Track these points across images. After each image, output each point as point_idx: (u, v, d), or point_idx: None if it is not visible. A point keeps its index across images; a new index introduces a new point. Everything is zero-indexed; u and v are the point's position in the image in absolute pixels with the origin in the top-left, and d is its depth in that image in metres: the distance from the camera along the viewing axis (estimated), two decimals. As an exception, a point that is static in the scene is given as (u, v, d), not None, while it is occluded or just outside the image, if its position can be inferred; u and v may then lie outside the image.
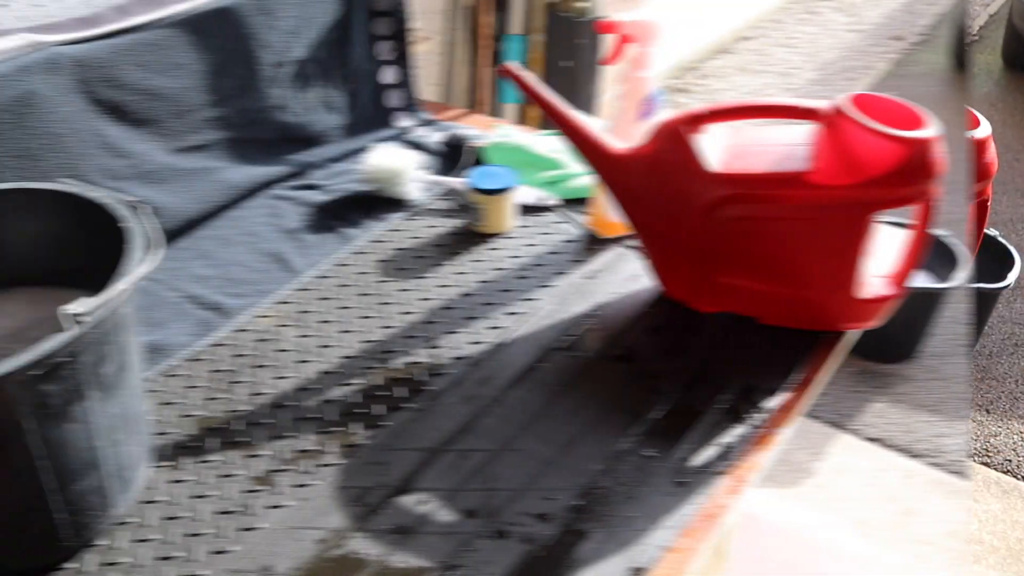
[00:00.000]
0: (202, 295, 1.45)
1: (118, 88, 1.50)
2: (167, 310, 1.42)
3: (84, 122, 1.46)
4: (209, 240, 1.60)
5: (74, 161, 1.44)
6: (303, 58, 1.81)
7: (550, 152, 1.77)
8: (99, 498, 1.02)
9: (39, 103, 1.37)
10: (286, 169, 1.78)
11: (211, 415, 1.24)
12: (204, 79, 1.64)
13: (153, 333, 1.37)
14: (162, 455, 1.18)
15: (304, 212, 1.68)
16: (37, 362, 0.86)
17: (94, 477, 1.00)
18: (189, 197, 1.61)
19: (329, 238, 1.61)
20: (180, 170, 1.62)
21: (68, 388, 0.92)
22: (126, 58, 1.50)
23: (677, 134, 1.31)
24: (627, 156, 1.36)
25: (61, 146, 1.41)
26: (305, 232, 1.62)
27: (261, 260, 1.55)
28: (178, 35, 1.58)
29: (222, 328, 1.39)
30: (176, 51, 1.58)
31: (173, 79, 1.58)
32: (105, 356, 0.96)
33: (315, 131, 1.87)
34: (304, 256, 1.56)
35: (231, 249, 1.57)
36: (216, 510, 1.11)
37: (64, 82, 1.42)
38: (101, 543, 1.06)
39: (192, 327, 1.39)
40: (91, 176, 1.47)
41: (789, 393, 1.29)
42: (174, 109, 1.60)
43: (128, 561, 1.04)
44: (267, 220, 1.66)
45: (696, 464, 1.17)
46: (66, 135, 1.42)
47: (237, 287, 1.48)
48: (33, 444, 0.92)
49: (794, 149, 1.29)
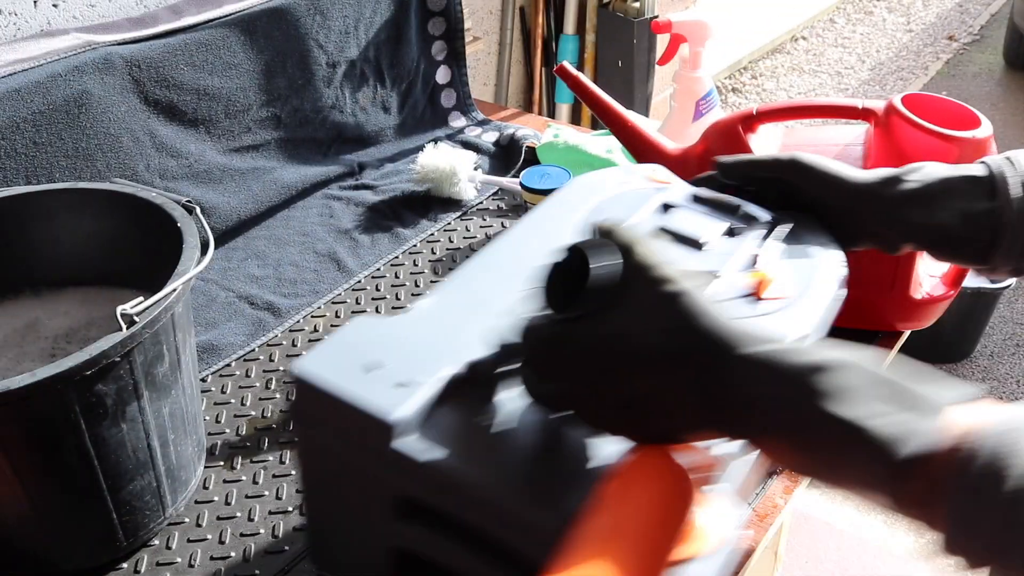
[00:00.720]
0: (256, 295, 1.45)
1: (171, 88, 1.50)
2: (221, 310, 1.42)
3: (137, 122, 1.46)
4: (262, 240, 1.60)
5: (127, 161, 1.44)
6: (356, 58, 1.81)
7: (604, 152, 1.75)
8: (153, 498, 1.02)
9: (93, 103, 1.38)
10: (339, 169, 1.78)
11: (265, 415, 1.24)
12: (257, 79, 1.64)
13: (207, 333, 1.36)
14: (216, 455, 1.17)
15: (358, 212, 1.67)
16: (91, 362, 0.86)
17: (148, 477, 1.00)
18: (242, 197, 1.61)
19: (383, 238, 1.60)
20: (233, 170, 1.62)
21: (122, 388, 0.91)
22: (179, 58, 1.50)
23: (731, 134, 1.29)
24: (681, 156, 1.34)
25: (115, 146, 1.42)
26: (359, 232, 1.62)
27: (315, 260, 1.54)
28: (231, 35, 1.57)
29: (276, 328, 1.39)
30: (229, 51, 1.58)
31: (226, 79, 1.58)
32: (159, 356, 0.95)
33: (368, 131, 1.87)
34: (358, 256, 1.55)
35: (284, 249, 1.57)
36: (270, 510, 1.10)
37: (118, 82, 1.42)
38: (155, 543, 1.05)
39: (246, 327, 1.39)
40: (144, 176, 1.47)
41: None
42: (227, 109, 1.60)
43: (181, 561, 1.03)
44: (321, 220, 1.65)
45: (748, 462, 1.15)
46: (120, 135, 1.42)
47: (291, 287, 1.48)
48: (88, 444, 0.91)
49: (847, 149, 1.27)
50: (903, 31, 5.98)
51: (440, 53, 1.98)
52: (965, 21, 6.12)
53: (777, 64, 5.47)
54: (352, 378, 0.78)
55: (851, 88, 5.19)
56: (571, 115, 3.00)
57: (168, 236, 1.04)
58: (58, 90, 1.33)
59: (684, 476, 0.69)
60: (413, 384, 0.78)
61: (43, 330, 1.12)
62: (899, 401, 0.62)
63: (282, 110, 1.70)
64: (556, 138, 1.79)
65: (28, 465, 0.91)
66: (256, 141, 1.67)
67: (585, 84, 1.37)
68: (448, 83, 2.01)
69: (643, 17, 2.80)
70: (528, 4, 2.80)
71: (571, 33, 2.88)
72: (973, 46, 5.76)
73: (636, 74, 2.87)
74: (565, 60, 1.35)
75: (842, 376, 0.64)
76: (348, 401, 0.76)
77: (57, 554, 1.00)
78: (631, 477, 0.68)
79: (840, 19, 6.18)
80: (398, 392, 0.77)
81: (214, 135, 1.60)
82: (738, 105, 4.94)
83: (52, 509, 0.96)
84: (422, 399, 0.77)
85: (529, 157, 1.82)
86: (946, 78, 5.30)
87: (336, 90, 1.79)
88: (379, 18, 1.83)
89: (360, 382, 0.78)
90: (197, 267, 0.98)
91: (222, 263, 1.52)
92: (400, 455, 0.75)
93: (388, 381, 0.78)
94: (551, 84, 2.94)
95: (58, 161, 1.35)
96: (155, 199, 1.09)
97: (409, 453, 0.75)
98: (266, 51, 1.63)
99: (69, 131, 1.35)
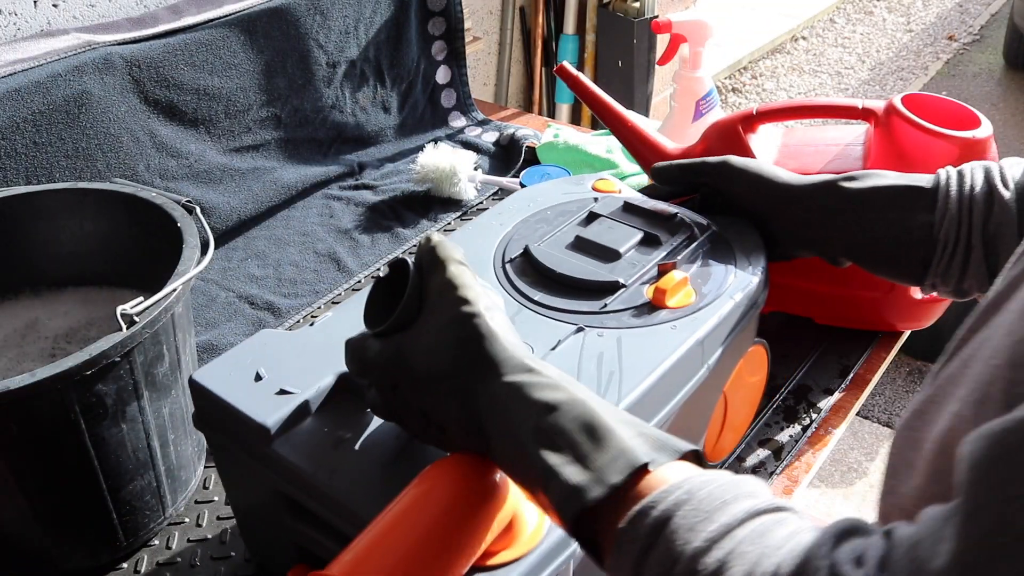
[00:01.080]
0: (256, 295, 1.45)
1: (171, 88, 1.51)
2: (221, 310, 1.42)
3: (137, 122, 1.46)
4: (262, 240, 1.60)
5: (128, 161, 1.44)
6: (356, 58, 1.81)
7: (604, 152, 1.75)
8: (153, 498, 1.02)
9: (93, 103, 1.38)
10: (339, 169, 1.78)
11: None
12: (257, 79, 1.64)
13: (207, 333, 1.36)
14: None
15: (357, 212, 1.67)
16: (91, 362, 0.86)
17: (148, 477, 1.00)
18: (242, 197, 1.61)
19: (383, 238, 1.60)
20: (233, 170, 1.62)
21: (122, 388, 0.91)
22: (179, 58, 1.50)
23: (731, 134, 1.29)
24: (681, 156, 1.34)
25: (115, 146, 1.42)
26: (359, 232, 1.62)
27: (315, 260, 1.54)
28: (231, 35, 1.58)
29: (276, 328, 1.39)
30: (229, 51, 1.58)
31: (226, 79, 1.58)
32: (159, 356, 0.95)
33: (368, 131, 1.87)
34: (358, 256, 1.55)
35: (284, 249, 1.57)
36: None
37: (118, 82, 1.42)
38: (155, 543, 1.05)
39: (246, 327, 1.39)
40: (144, 176, 1.47)
41: (843, 393, 1.28)
42: (227, 109, 1.60)
43: (182, 561, 1.03)
44: (321, 220, 1.65)
45: (750, 463, 1.16)
46: (120, 135, 1.42)
47: (291, 287, 1.48)
48: (88, 444, 0.91)
49: (847, 149, 1.28)
50: (903, 31, 5.98)
51: (440, 53, 1.98)
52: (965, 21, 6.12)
53: (777, 64, 5.47)
54: (240, 386, 0.85)
55: (851, 88, 5.19)
56: (571, 115, 3.00)
57: (168, 236, 1.04)
58: (58, 90, 1.33)
59: (491, 480, 0.70)
60: (292, 393, 0.83)
61: (43, 330, 1.12)
62: (599, 448, 0.64)
63: (282, 110, 1.70)
64: (556, 138, 1.79)
65: (28, 465, 0.91)
66: (256, 141, 1.67)
67: (585, 84, 1.36)
68: (448, 83, 2.01)
69: (643, 17, 2.80)
70: (528, 4, 2.80)
71: (571, 33, 2.88)
72: (973, 46, 5.76)
73: (636, 74, 2.87)
74: (565, 60, 1.35)
75: (560, 419, 0.65)
76: (234, 407, 0.83)
77: (57, 554, 1.00)
78: (428, 481, 0.69)
79: (840, 19, 6.18)
80: (277, 399, 0.83)
81: (214, 135, 1.60)
82: (738, 105, 4.95)
83: (52, 509, 0.96)
84: (296, 406, 0.82)
85: (529, 157, 1.82)
86: (946, 78, 5.31)
87: (336, 90, 1.79)
88: (379, 18, 1.83)
89: (246, 390, 0.84)
90: (197, 267, 0.98)
91: (222, 263, 1.52)
92: (277, 457, 0.81)
93: (271, 389, 0.84)
94: (551, 84, 2.94)
95: (58, 161, 1.35)
96: (155, 199, 1.09)
97: (283, 456, 0.80)
98: (266, 51, 1.63)
99: (69, 131, 1.35)
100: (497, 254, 1.04)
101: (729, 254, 1.03)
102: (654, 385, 0.87)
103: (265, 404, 0.82)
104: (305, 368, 0.86)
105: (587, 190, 1.16)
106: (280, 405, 0.82)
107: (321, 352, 0.88)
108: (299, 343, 0.90)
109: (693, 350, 0.91)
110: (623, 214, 1.08)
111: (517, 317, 0.94)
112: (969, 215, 0.95)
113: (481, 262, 1.03)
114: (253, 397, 0.83)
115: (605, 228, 1.05)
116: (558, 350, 0.89)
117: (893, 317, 1.34)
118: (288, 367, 0.86)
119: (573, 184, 1.18)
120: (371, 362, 0.75)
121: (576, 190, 1.16)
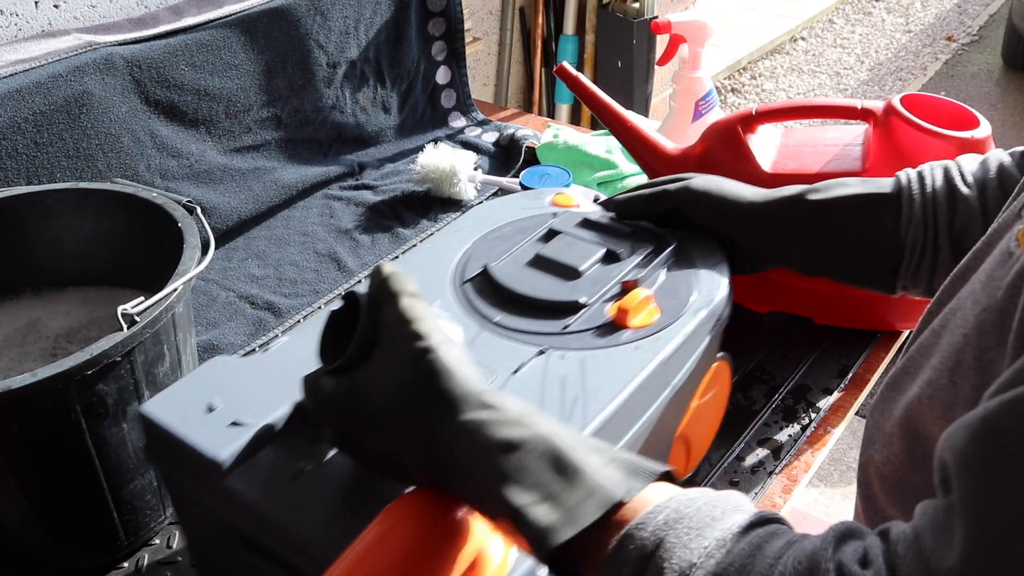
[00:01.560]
0: (256, 295, 1.45)
1: (172, 88, 1.51)
2: (221, 310, 1.42)
3: (138, 122, 1.46)
4: (263, 240, 1.60)
5: (128, 161, 1.44)
6: (357, 58, 1.81)
7: (603, 152, 1.75)
8: (154, 497, 1.02)
9: (94, 103, 1.38)
10: (340, 169, 1.78)
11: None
12: (258, 79, 1.64)
13: (207, 333, 1.37)
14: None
15: (358, 212, 1.68)
16: (92, 362, 0.86)
17: (149, 476, 1.00)
18: (243, 197, 1.61)
19: (383, 238, 1.60)
20: (234, 170, 1.62)
21: (123, 388, 0.92)
22: (180, 58, 1.51)
23: (730, 134, 1.30)
24: (680, 156, 1.35)
25: (115, 146, 1.42)
26: (359, 232, 1.62)
27: (315, 260, 1.54)
28: (232, 35, 1.58)
29: (276, 328, 1.39)
30: (230, 51, 1.58)
31: (227, 79, 1.58)
32: (159, 356, 0.96)
33: (369, 131, 1.87)
34: (358, 256, 1.56)
35: (285, 249, 1.57)
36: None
37: (118, 82, 1.42)
38: (156, 542, 1.06)
39: (246, 327, 1.39)
40: (145, 176, 1.47)
41: (842, 392, 1.28)
42: (228, 109, 1.60)
43: (183, 560, 1.03)
44: (321, 220, 1.65)
45: (749, 463, 1.16)
46: (120, 135, 1.42)
47: (291, 287, 1.48)
48: (88, 444, 0.91)
49: (846, 149, 1.28)
50: (902, 32, 5.98)
51: (440, 53, 1.99)
52: (964, 22, 6.12)
53: (776, 65, 5.47)
54: (192, 418, 0.81)
55: (850, 88, 5.19)
56: (571, 115, 3.00)
57: (169, 236, 1.04)
58: (59, 90, 1.33)
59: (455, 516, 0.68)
60: (246, 425, 0.79)
61: (44, 330, 1.13)
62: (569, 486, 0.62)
63: (282, 110, 1.70)
64: (556, 138, 1.79)
65: (29, 464, 0.91)
66: (256, 141, 1.67)
67: (585, 84, 1.37)
68: (448, 83, 2.01)
69: (643, 18, 2.80)
70: (528, 4, 2.81)
71: (571, 33, 2.88)
72: (971, 47, 5.76)
73: (635, 74, 2.88)
74: (565, 60, 1.35)
75: (524, 457, 0.63)
76: (185, 440, 0.79)
77: (58, 553, 1.00)
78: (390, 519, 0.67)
79: (839, 20, 6.18)
80: (231, 431, 0.79)
81: (215, 135, 1.60)
82: (737, 105, 4.95)
83: (53, 508, 0.96)
84: (250, 438, 0.79)
85: (529, 157, 1.82)
86: (945, 78, 5.31)
87: (336, 90, 1.79)
88: (379, 18, 1.83)
89: (198, 422, 0.80)
90: (198, 267, 0.98)
91: (222, 263, 1.53)
92: (231, 493, 0.77)
93: (224, 421, 0.80)
94: (551, 84, 2.94)
95: (59, 161, 1.35)
96: (156, 199, 1.09)
97: (237, 491, 0.77)
98: (266, 51, 1.64)
99: (70, 131, 1.36)
100: (455, 273, 1.02)
101: (692, 269, 1.01)
102: (619, 408, 0.85)
103: (218, 437, 0.78)
104: (260, 397, 0.82)
105: (545, 205, 1.14)
106: (234, 437, 0.78)
107: (277, 380, 0.84)
108: (253, 370, 0.87)
109: (657, 371, 0.89)
110: (583, 230, 1.05)
111: (477, 340, 0.91)
112: (934, 217, 0.95)
113: (438, 281, 1.00)
114: (205, 430, 0.79)
115: (565, 245, 1.02)
116: (520, 374, 0.87)
117: (892, 317, 1.34)
118: (242, 396, 0.83)
119: (531, 199, 1.16)
120: (325, 401, 0.73)
121: (534, 205, 1.14)
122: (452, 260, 1.04)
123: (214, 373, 0.86)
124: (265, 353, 0.90)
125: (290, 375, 0.81)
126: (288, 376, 0.82)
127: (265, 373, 0.86)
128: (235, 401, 0.82)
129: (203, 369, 0.87)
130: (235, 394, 0.83)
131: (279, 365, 0.86)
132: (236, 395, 0.83)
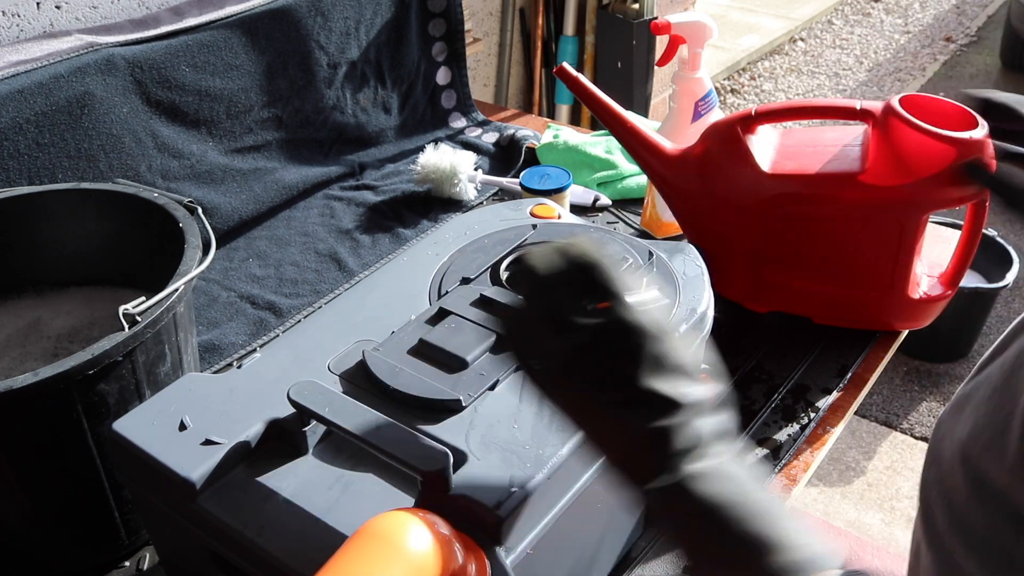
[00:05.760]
0: (257, 295, 1.45)
1: (173, 89, 1.51)
2: (222, 310, 1.42)
3: (139, 123, 1.46)
4: (264, 240, 1.60)
5: (130, 161, 1.45)
6: (357, 59, 1.81)
7: (603, 152, 1.75)
8: (155, 498, 1.02)
9: (95, 104, 1.38)
10: (340, 169, 1.78)
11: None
12: (259, 80, 1.64)
13: (208, 333, 1.37)
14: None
15: (358, 212, 1.68)
16: (93, 361, 0.86)
17: (150, 477, 1.00)
18: (244, 197, 1.61)
19: (383, 238, 1.61)
20: (235, 170, 1.62)
21: (124, 387, 0.92)
22: (181, 59, 1.51)
23: (730, 134, 1.30)
24: (680, 156, 1.35)
25: (117, 147, 1.42)
26: (359, 232, 1.62)
27: (316, 260, 1.55)
28: (233, 36, 1.58)
29: (277, 328, 1.39)
30: (231, 52, 1.58)
31: (228, 80, 1.59)
32: (161, 356, 0.96)
33: (369, 132, 1.87)
34: (358, 256, 1.56)
35: (286, 249, 1.57)
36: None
37: (120, 83, 1.42)
38: (157, 543, 1.06)
39: (247, 327, 1.39)
40: (146, 176, 1.47)
41: (841, 392, 1.28)
42: (229, 110, 1.61)
43: (184, 561, 1.04)
44: (321, 220, 1.66)
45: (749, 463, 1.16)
46: (122, 136, 1.43)
47: (292, 287, 1.48)
48: (90, 443, 0.92)
49: (845, 150, 1.28)
50: (900, 32, 5.98)
51: (440, 54, 1.99)
52: (962, 23, 6.12)
53: (775, 65, 5.47)
54: (163, 437, 0.80)
55: (849, 89, 5.19)
56: (571, 116, 3.00)
57: (170, 236, 1.04)
58: (61, 91, 1.34)
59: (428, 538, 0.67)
60: (219, 443, 0.79)
61: (46, 330, 1.13)
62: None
63: (283, 111, 1.71)
64: (556, 139, 1.80)
65: (31, 464, 0.91)
66: (257, 142, 1.68)
67: (585, 85, 1.37)
68: (448, 84, 2.01)
69: (642, 18, 2.80)
70: (528, 5, 2.81)
71: (571, 34, 2.88)
72: (970, 48, 5.76)
73: (635, 75, 2.87)
74: (565, 61, 1.35)
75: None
76: (156, 459, 0.78)
77: (59, 553, 1.00)
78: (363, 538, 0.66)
79: (838, 21, 6.18)
80: (203, 450, 0.78)
81: (216, 136, 1.60)
82: (737, 106, 4.95)
83: (55, 508, 0.96)
84: (222, 457, 0.78)
85: (529, 157, 1.82)
86: (943, 79, 5.31)
87: (337, 91, 1.79)
88: (380, 19, 1.83)
89: (170, 441, 0.79)
90: (199, 267, 0.98)
91: (223, 263, 1.53)
92: (203, 513, 0.77)
93: (196, 439, 0.79)
94: (551, 85, 2.94)
95: (61, 162, 1.36)
96: (157, 199, 1.10)
97: (209, 512, 0.77)
98: (267, 52, 1.64)
99: (72, 132, 1.36)
100: (433, 287, 0.98)
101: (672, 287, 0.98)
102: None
103: (190, 456, 0.77)
104: (233, 415, 0.81)
105: (525, 216, 1.10)
106: (206, 456, 0.77)
107: (250, 397, 0.83)
108: (226, 387, 0.85)
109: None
110: (477, 309, 0.92)
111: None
112: None
113: (417, 295, 0.97)
114: (177, 448, 0.78)
115: (451, 330, 0.90)
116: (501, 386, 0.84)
117: (891, 317, 1.35)
118: (215, 414, 0.81)
119: (511, 210, 1.12)
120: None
121: (514, 216, 1.11)
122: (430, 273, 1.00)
123: (187, 390, 0.85)
124: (239, 370, 0.88)
125: (263, 392, 0.81)
126: (261, 393, 0.82)
127: (238, 390, 0.85)
128: (208, 419, 0.81)
129: (175, 386, 0.86)
130: (208, 412, 0.82)
131: (252, 382, 0.86)
132: (209, 413, 0.82)
